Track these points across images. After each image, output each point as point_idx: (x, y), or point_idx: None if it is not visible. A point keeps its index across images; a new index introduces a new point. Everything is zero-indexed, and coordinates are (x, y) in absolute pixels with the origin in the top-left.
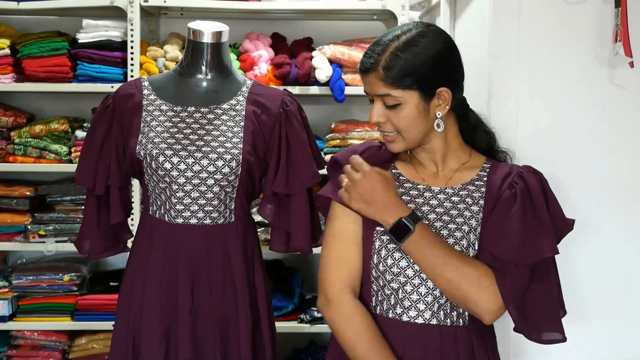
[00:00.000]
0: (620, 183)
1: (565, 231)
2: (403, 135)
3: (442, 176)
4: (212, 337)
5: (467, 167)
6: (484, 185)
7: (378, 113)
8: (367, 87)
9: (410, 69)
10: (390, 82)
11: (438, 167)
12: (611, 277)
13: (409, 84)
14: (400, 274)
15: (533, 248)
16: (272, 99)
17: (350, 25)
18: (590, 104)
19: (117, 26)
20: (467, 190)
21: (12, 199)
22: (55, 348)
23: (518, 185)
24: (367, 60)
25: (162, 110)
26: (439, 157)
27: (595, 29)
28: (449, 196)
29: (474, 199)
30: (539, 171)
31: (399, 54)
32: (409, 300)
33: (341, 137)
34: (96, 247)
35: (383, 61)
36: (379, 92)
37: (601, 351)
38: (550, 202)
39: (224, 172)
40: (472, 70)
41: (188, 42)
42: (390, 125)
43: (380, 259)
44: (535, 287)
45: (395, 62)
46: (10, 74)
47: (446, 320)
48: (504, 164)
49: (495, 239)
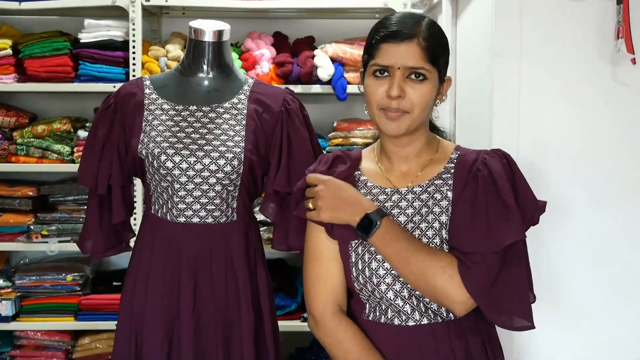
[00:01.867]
0: (623, 180)
1: (537, 214)
2: (414, 114)
3: (411, 175)
4: (215, 336)
5: (435, 160)
6: (451, 177)
7: (400, 86)
8: (397, 57)
9: (442, 47)
10: (429, 54)
11: (410, 164)
12: (614, 277)
13: (437, 60)
14: (380, 282)
15: (498, 235)
16: (274, 98)
17: (352, 24)
18: (592, 101)
19: (119, 26)
20: (435, 185)
21: (14, 199)
22: (59, 348)
23: (481, 173)
24: (405, 28)
25: (163, 109)
26: (415, 151)
27: (597, 26)
28: (418, 195)
29: (442, 193)
30: (507, 153)
31: (433, 31)
32: (394, 306)
33: (343, 136)
34: (98, 246)
35: (421, 32)
36: (415, 63)
37: (600, 346)
38: (519, 184)
39: (226, 171)
40: (474, 69)
41: (189, 41)
42: (407, 101)
43: (358, 272)
44: (506, 272)
45: (433, 37)
46: (12, 74)
47: (437, 318)
48: (471, 151)
49: (461, 230)
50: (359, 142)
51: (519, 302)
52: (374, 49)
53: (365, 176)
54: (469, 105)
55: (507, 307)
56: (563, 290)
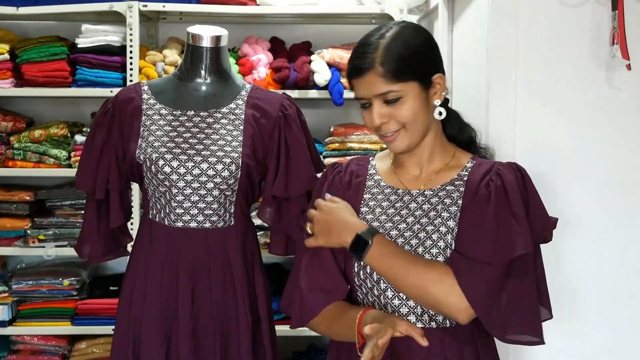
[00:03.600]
0: (618, 185)
1: (547, 230)
2: (408, 128)
3: (423, 179)
4: (213, 340)
5: (450, 167)
6: (464, 184)
7: (380, 113)
8: (364, 90)
9: (406, 60)
10: (390, 77)
11: (422, 169)
12: (612, 281)
13: (408, 76)
14: (380, 280)
15: (505, 245)
16: (271, 103)
17: (349, 29)
18: (588, 106)
19: (116, 31)
20: (446, 190)
21: (11, 204)
22: (55, 353)
23: (494, 183)
24: (360, 62)
25: (161, 115)
26: (426, 156)
27: (592, 32)
28: (428, 198)
29: (453, 199)
30: (522, 167)
31: (391, 48)
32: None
33: (340, 141)
34: (96, 251)
35: (378, 58)
36: (380, 90)
37: (598, 352)
38: (531, 198)
39: (224, 176)
40: (470, 74)
41: (187, 47)
42: (394, 123)
43: (360, 267)
44: (510, 285)
45: (390, 56)
46: (9, 79)
47: (431, 323)
48: (487, 162)
49: (468, 238)
50: (355, 147)
51: (525, 317)
52: (350, 84)
53: (379, 175)
54: (465, 110)
55: (509, 320)
56: (562, 296)
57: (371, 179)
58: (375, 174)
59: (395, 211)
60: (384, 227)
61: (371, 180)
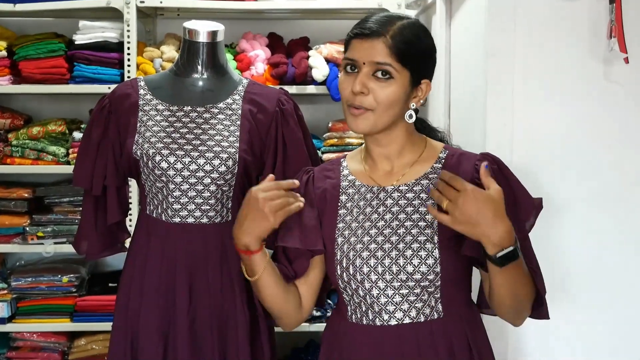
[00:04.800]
0: (617, 178)
1: (537, 211)
2: (377, 112)
3: (396, 174)
4: (211, 336)
5: (423, 158)
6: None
7: (364, 82)
8: (363, 52)
9: (413, 49)
10: (395, 51)
11: (393, 163)
12: (610, 277)
13: (408, 63)
14: (364, 280)
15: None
16: (268, 98)
17: (347, 25)
18: (585, 100)
19: (113, 27)
20: (421, 185)
21: (10, 201)
22: (55, 349)
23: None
24: (371, 25)
25: (158, 110)
26: (395, 150)
27: (590, 25)
28: (404, 193)
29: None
30: (497, 158)
31: (405, 32)
32: (377, 304)
33: (338, 136)
34: (94, 247)
35: (391, 31)
36: (380, 59)
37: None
38: (512, 183)
39: (221, 171)
40: (468, 69)
41: (184, 42)
42: (370, 99)
43: (342, 269)
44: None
45: (402, 37)
46: (7, 76)
47: (419, 317)
48: (461, 153)
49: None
50: (354, 142)
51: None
52: (347, 45)
53: (353, 175)
54: (462, 106)
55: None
56: (559, 290)
57: (345, 180)
58: (349, 174)
59: (373, 209)
60: (363, 227)
61: (345, 181)
